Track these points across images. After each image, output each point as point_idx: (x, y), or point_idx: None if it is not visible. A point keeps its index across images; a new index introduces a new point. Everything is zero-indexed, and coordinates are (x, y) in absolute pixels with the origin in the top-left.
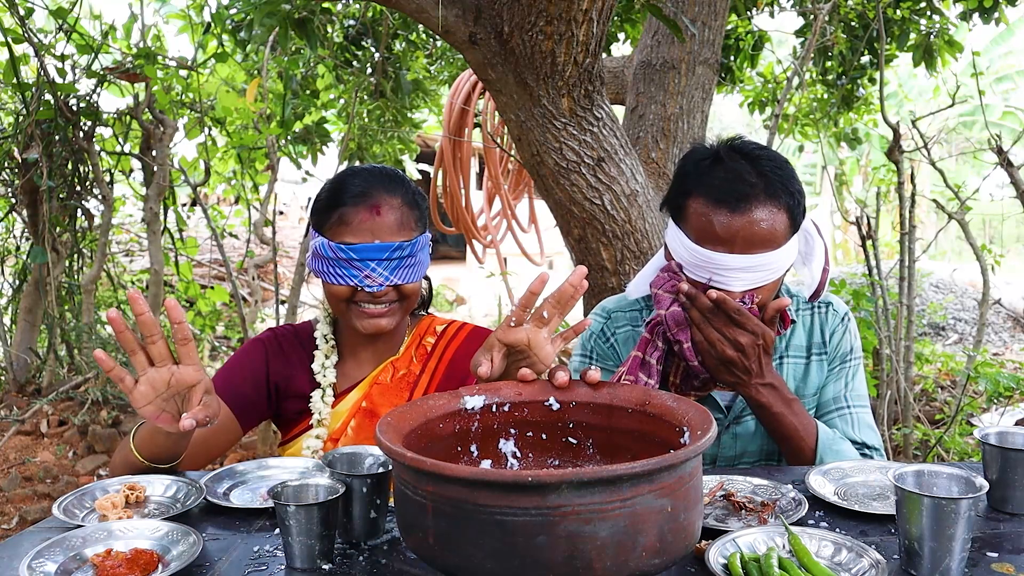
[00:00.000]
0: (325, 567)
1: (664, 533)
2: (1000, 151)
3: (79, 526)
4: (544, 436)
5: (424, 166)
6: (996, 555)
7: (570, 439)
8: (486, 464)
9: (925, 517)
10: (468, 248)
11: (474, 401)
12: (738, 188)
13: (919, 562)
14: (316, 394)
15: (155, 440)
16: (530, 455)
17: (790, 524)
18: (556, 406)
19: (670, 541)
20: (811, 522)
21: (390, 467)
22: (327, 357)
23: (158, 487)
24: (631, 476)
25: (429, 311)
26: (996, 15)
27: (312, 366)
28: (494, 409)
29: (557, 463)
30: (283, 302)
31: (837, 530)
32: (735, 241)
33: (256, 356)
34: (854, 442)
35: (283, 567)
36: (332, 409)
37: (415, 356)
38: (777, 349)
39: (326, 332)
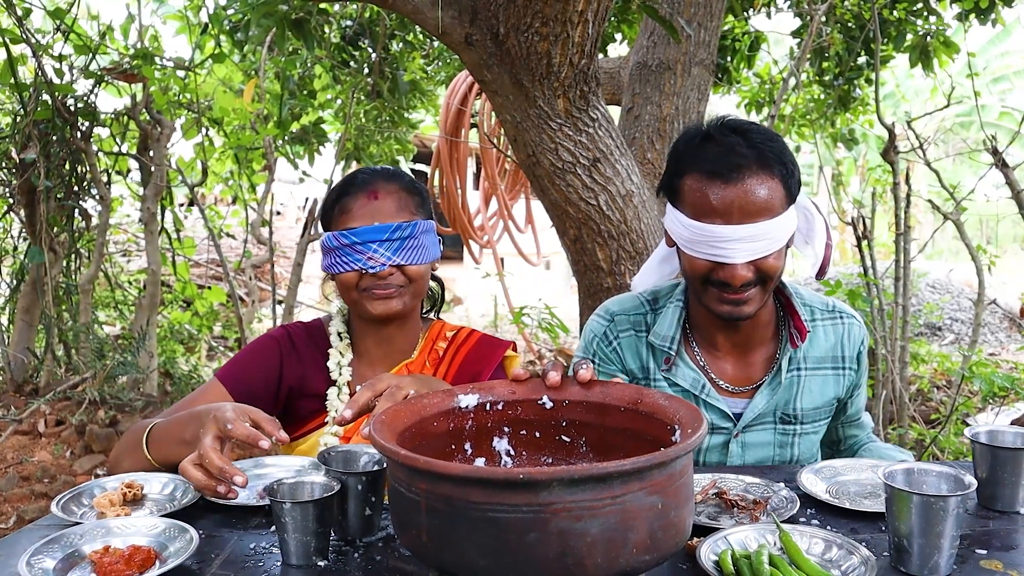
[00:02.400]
0: (320, 564)
1: (654, 530)
2: (996, 152)
3: (77, 523)
4: (538, 434)
5: (421, 166)
6: (985, 552)
7: (563, 437)
8: (480, 462)
9: (914, 514)
10: (465, 248)
11: (468, 400)
12: (730, 160)
13: (908, 559)
14: (332, 392)
15: (172, 452)
16: (524, 453)
17: (782, 522)
18: (549, 405)
19: (660, 538)
20: (803, 520)
21: (385, 465)
22: (342, 355)
23: (156, 485)
24: (621, 474)
25: (440, 316)
26: (993, 16)
27: (328, 364)
28: (488, 408)
29: (551, 461)
30: (280, 302)
31: (828, 528)
32: (732, 212)
33: (270, 354)
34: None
35: (279, 563)
36: None
37: (428, 361)
38: (794, 360)
39: (341, 330)
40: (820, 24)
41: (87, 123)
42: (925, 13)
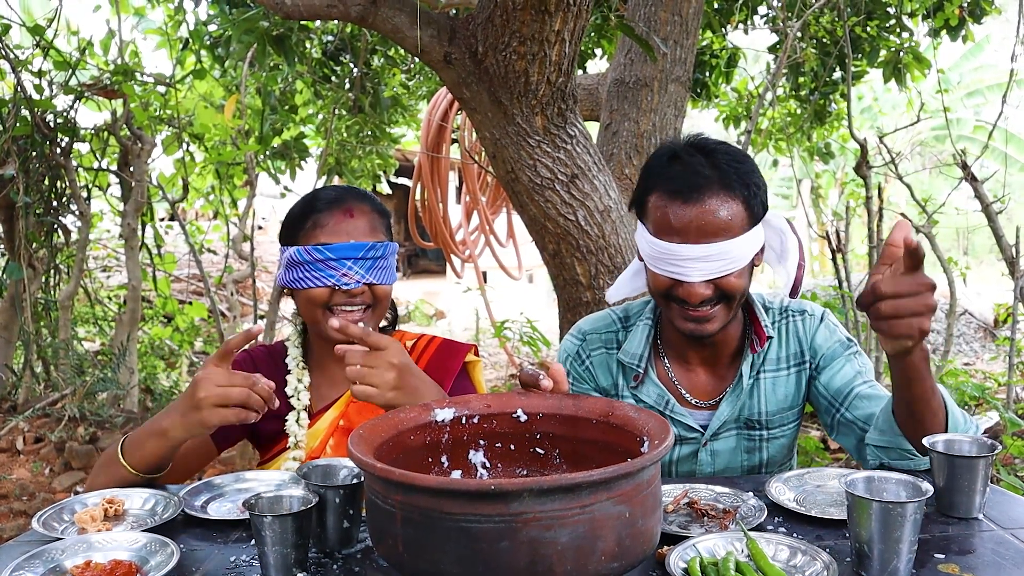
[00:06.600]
0: None
1: (622, 538)
2: (965, 166)
3: (58, 539)
4: (512, 447)
5: (403, 180)
6: (943, 556)
7: (538, 450)
8: (457, 474)
9: (874, 520)
10: (447, 263)
11: (444, 414)
12: (691, 180)
13: (869, 563)
14: (291, 416)
15: (145, 449)
16: (499, 465)
17: (750, 530)
18: (524, 418)
19: (628, 546)
20: (770, 528)
21: (362, 478)
22: (299, 380)
23: (137, 500)
24: (589, 484)
25: (398, 328)
26: (963, 32)
27: (285, 389)
28: (464, 421)
29: (525, 473)
30: (261, 317)
31: (794, 535)
32: (689, 231)
33: None
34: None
35: None
36: (309, 429)
37: None
38: (755, 365)
39: (296, 354)
40: (795, 40)
41: (67, 138)
42: (897, 29)
